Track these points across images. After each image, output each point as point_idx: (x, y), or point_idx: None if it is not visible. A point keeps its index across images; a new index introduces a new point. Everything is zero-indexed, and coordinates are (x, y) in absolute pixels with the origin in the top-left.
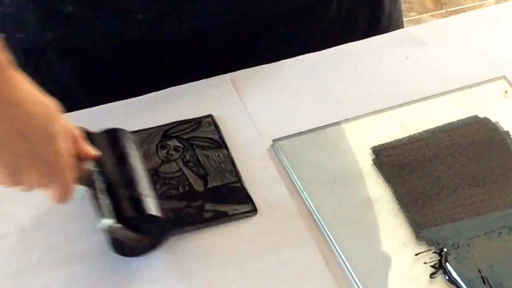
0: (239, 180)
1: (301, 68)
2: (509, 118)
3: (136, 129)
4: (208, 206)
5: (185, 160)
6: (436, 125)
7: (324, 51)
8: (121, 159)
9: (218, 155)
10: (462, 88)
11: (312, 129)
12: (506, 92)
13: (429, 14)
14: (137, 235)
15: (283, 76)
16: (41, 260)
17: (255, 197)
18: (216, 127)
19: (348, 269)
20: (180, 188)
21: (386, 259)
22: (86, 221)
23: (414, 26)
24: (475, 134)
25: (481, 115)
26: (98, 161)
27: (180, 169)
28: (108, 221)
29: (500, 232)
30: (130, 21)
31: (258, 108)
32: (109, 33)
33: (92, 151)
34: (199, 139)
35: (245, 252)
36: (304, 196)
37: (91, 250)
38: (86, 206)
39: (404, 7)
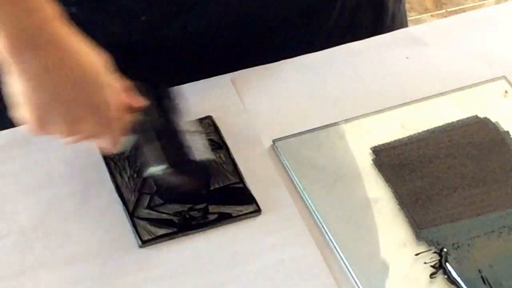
0: (242, 180)
1: (301, 68)
2: (509, 118)
3: None
4: (212, 208)
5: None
6: (436, 125)
7: (324, 51)
8: (168, 109)
9: (219, 156)
10: (462, 88)
11: (312, 129)
12: (506, 92)
13: (429, 14)
14: (186, 180)
15: (283, 76)
16: (41, 260)
17: (255, 197)
18: (216, 128)
19: (348, 269)
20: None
21: (386, 259)
22: (86, 221)
23: (414, 26)
24: (475, 134)
25: (481, 115)
26: (146, 111)
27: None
28: (158, 167)
29: (500, 232)
30: (133, 23)
31: (258, 108)
32: (112, 35)
33: (141, 101)
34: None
35: (245, 252)
36: (304, 196)
37: (91, 250)
38: (86, 206)
39: None
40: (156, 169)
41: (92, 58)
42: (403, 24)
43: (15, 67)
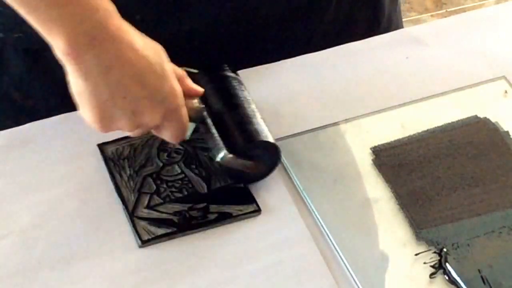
0: None
1: (301, 68)
2: (509, 118)
3: None
4: (212, 208)
5: (186, 162)
6: (436, 125)
7: (324, 51)
8: (224, 93)
9: None
10: (462, 88)
11: (312, 129)
12: (506, 92)
13: (429, 14)
14: (251, 162)
15: (283, 76)
16: (41, 260)
17: (255, 197)
18: None
19: (348, 269)
20: (184, 190)
21: (386, 259)
22: (86, 221)
23: (414, 26)
24: (475, 134)
25: (481, 115)
26: (203, 98)
27: (183, 172)
28: (221, 154)
29: (500, 232)
30: (128, 22)
31: (258, 108)
32: None
33: (197, 88)
34: (200, 140)
35: (245, 252)
36: (304, 196)
37: (91, 250)
38: (86, 206)
39: (404, 7)
40: (219, 155)
41: (150, 50)
42: (399, 24)
43: (73, 68)
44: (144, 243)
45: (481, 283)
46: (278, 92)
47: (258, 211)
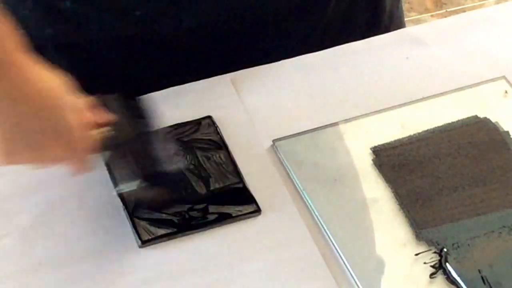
0: (241, 181)
1: (301, 68)
2: (509, 118)
3: None
4: (212, 208)
5: (186, 162)
6: (436, 125)
7: (324, 51)
8: (137, 119)
9: (219, 157)
10: (462, 88)
11: (312, 129)
12: (506, 92)
13: (429, 14)
14: (162, 191)
15: (283, 76)
16: (41, 260)
17: (255, 197)
18: (216, 128)
19: (348, 269)
20: (183, 191)
21: (386, 259)
22: (86, 221)
23: (414, 26)
24: (475, 134)
25: (481, 115)
26: (115, 125)
27: (182, 172)
28: (131, 183)
29: (500, 232)
30: (127, 18)
31: (258, 108)
32: (106, 29)
33: (107, 116)
34: (199, 141)
35: (245, 252)
36: (304, 196)
37: (91, 250)
38: (86, 206)
39: (404, 7)
40: (128, 186)
41: (51, 83)
42: (401, 23)
43: None
44: (144, 243)
45: (481, 283)
46: (278, 92)
47: (258, 211)
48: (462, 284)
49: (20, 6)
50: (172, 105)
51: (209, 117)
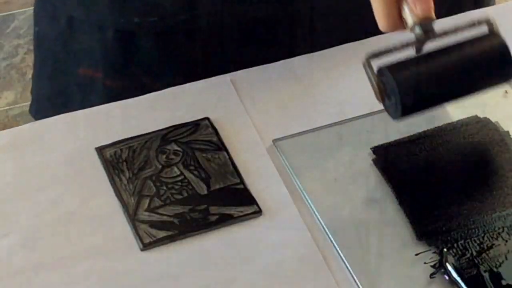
0: (242, 181)
1: (301, 68)
2: (509, 118)
3: (135, 131)
4: (212, 209)
5: (185, 163)
6: (436, 125)
7: (324, 51)
8: None
9: (218, 157)
10: None
11: (312, 129)
12: (506, 92)
13: None
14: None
15: (283, 76)
16: (41, 260)
17: (255, 197)
18: (214, 129)
19: (348, 269)
20: (184, 192)
21: (386, 259)
22: (86, 221)
23: None
24: (475, 134)
25: (481, 115)
26: None
27: (182, 173)
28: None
29: (500, 232)
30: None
31: (258, 108)
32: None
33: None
34: (198, 142)
35: (246, 253)
36: (304, 196)
37: (91, 250)
38: (86, 209)
39: None
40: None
41: None
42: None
43: None
44: (145, 246)
45: (481, 283)
46: (278, 92)
47: (258, 212)
48: (462, 284)
49: None
50: (172, 105)
51: (207, 118)
